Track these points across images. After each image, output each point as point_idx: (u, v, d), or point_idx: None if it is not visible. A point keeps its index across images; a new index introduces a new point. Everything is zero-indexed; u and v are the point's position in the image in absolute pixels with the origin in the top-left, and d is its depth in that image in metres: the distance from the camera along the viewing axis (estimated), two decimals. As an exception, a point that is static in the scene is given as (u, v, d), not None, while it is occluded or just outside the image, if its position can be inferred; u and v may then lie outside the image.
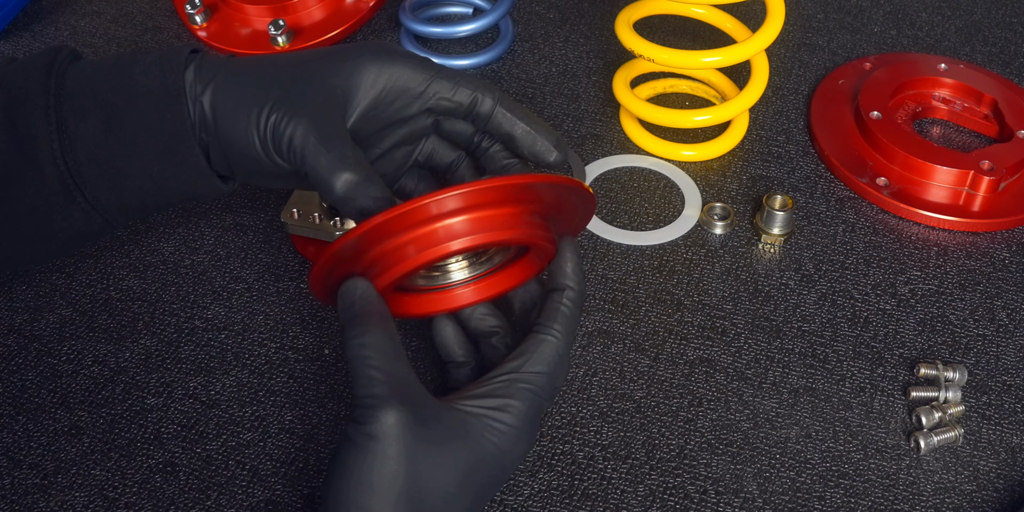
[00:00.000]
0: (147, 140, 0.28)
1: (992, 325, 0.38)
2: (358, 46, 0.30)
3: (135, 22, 0.51)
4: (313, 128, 0.28)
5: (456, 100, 0.30)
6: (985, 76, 0.46)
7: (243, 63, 0.30)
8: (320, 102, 0.28)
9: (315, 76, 0.29)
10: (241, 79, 0.29)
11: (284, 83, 0.29)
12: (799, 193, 0.43)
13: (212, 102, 0.29)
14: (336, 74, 0.29)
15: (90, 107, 0.28)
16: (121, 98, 0.28)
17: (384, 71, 0.29)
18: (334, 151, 0.28)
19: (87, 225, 0.29)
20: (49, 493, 0.33)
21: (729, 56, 0.41)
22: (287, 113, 0.28)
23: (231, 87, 0.29)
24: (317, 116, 0.28)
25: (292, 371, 0.37)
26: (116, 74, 0.29)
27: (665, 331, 0.38)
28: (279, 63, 0.30)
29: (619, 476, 0.34)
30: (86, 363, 0.37)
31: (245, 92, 0.28)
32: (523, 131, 0.31)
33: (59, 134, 0.28)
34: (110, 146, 0.28)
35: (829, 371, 0.37)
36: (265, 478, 0.34)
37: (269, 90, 0.28)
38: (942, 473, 0.34)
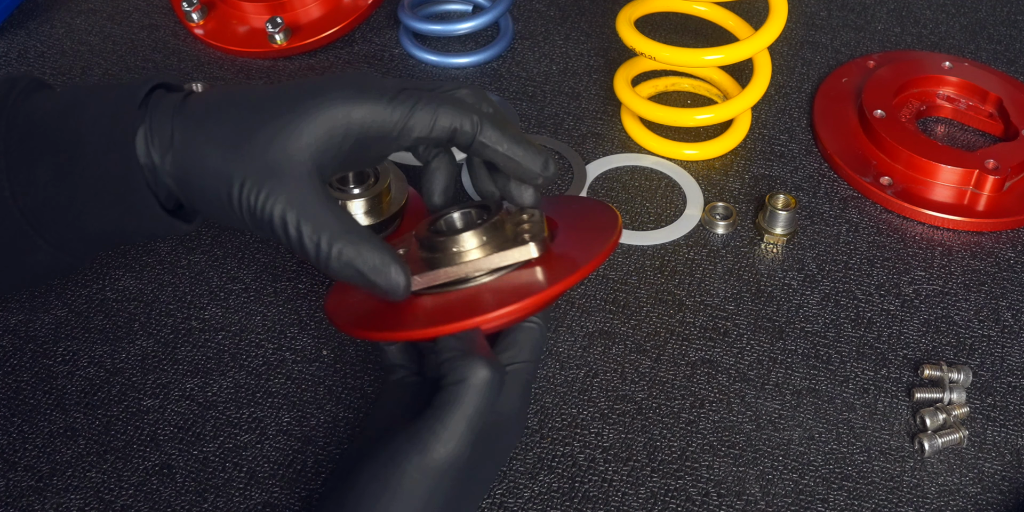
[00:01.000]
0: (99, 190, 0.27)
1: (997, 326, 0.38)
2: (324, 87, 0.27)
3: (131, 20, 0.51)
4: (294, 205, 0.26)
5: (435, 137, 0.28)
6: (990, 74, 0.46)
7: (202, 116, 0.27)
8: (294, 172, 0.27)
9: (283, 136, 0.27)
10: (204, 150, 0.27)
11: (253, 152, 0.27)
12: (802, 192, 0.43)
13: (176, 173, 0.27)
14: (305, 130, 0.27)
15: (41, 153, 0.27)
16: (70, 145, 0.27)
17: (355, 118, 0.27)
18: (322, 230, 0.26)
19: (55, 263, 0.29)
20: (44, 495, 0.33)
21: (731, 54, 0.41)
22: (263, 192, 0.26)
23: (195, 157, 0.27)
24: (296, 189, 0.26)
25: (290, 372, 0.36)
26: (66, 119, 0.27)
27: (667, 332, 0.38)
28: (242, 118, 0.27)
29: (620, 478, 0.33)
30: (82, 364, 0.37)
31: (211, 166, 0.27)
32: (504, 159, 0.29)
33: (10, 181, 0.27)
34: (64, 192, 0.27)
35: (832, 372, 0.37)
36: (262, 480, 0.33)
37: (238, 163, 0.27)
38: (946, 475, 0.34)
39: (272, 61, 0.49)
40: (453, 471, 0.27)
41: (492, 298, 0.28)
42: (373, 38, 0.50)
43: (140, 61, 0.49)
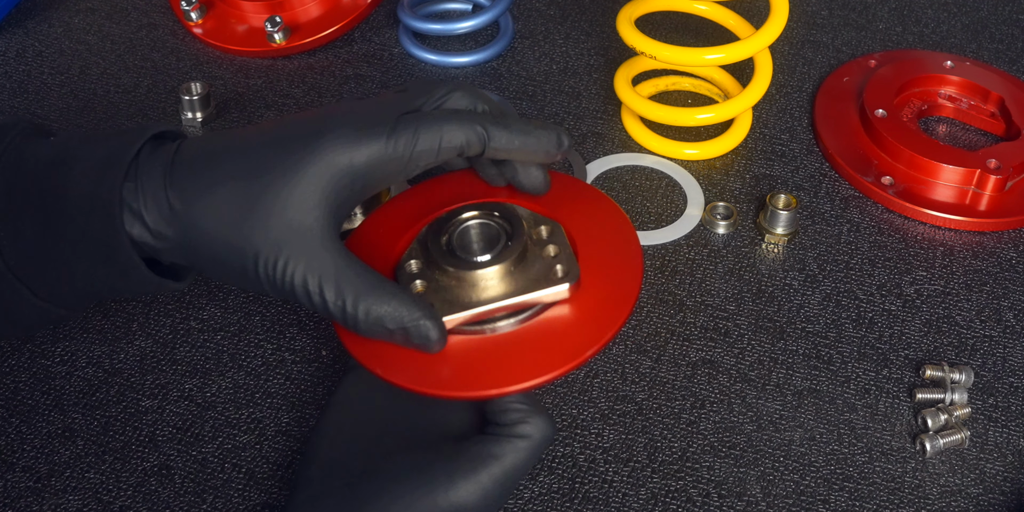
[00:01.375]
0: (84, 250, 0.26)
1: (999, 326, 0.38)
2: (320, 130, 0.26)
3: (130, 19, 0.51)
4: (315, 271, 0.26)
5: (442, 158, 0.27)
6: (992, 73, 0.46)
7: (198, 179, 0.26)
8: (308, 235, 0.26)
9: (291, 201, 0.25)
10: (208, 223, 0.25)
11: (262, 222, 0.25)
12: (803, 192, 0.43)
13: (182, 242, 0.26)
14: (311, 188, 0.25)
15: (27, 206, 0.27)
16: (56, 201, 0.26)
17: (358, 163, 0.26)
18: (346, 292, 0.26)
19: (46, 315, 0.28)
20: (42, 496, 0.33)
21: (732, 53, 0.40)
22: (280, 261, 0.26)
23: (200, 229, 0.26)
24: (313, 254, 0.26)
25: (289, 373, 0.36)
26: (54, 173, 0.27)
27: (667, 332, 0.38)
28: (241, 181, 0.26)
29: (620, 479, 0.33)
30: (80, 364, 0.36)
31: (219, 239, 0.26)
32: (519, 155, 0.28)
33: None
34: (49, 248, 0.27)
35: (833, 373, 0.37)
36: (262, 481, 0.33)
37: (249, 236, 0.26)
38: (948, 476, 0.34)
39: (271, 60, 0.49)
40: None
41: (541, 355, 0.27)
42: (372, 37, 0.50)
43: (139, 60, 0.48)
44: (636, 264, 0.28)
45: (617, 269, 0.28)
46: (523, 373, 0.27)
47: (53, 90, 0.47)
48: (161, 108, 0.46)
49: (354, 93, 0.47)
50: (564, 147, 0.29)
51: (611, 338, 0.27)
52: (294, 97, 0.47)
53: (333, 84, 0.47)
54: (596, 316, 0.27)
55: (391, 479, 0.27)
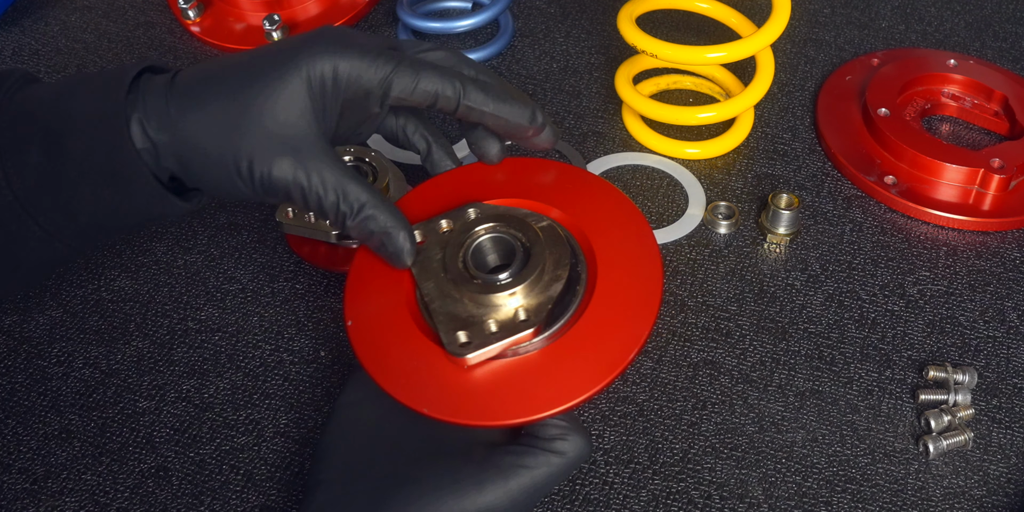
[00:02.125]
0: (92, 168, 0.27)
1: (1003, 326, 0.38)
2: (308, 41, 0.28)
3: (127, 17, 0.50)
4: (307, 172, 0.27)
5: (415, 99, 0.28)
6: (995, 72, 0.45)
7: (190, 92, 0.27)
8: (296, 137, 0.27)
9: (278, 103, 0.27)
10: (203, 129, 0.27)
11: (253, 126, 0.27)
12: (805, 192, 0.42)
13: (178, 152, 0.27)
14: (297, 90, 0.27)
15: (32, 134, 0.27)
16: (61, 123, 0.27)
17: (341, 71, 0.27)
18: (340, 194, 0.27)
19: (49, 253, 0.28)
20: (39, 498, 0.33)
21: (734, 52, 0.40)
22: (272, 163, 0.27)
23: (195, 137, 0.27)
24: (304, 155, 0.27)
25: (287, 374, 0.36)
26: (58, 99, 0.27)
27: (668, 333, 0.37)
28: (233, 89, 0.27)
29: (621, 481, 0.33)
30: (77, 365, 0.36)
31: (214, 144, 0.27)
32: (492, 119, 0.29)
33: (3, 163, 0.27)
34: (55, 173, 0.27)
35: (836, 373, 0.36)
36: (260, 483, 0.33)
37: (241, 140, 0.27)
38: (951, 478, 0.34)
39: (270, 59, 0.48)
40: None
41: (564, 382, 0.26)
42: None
43: (136, 59, 0.48)
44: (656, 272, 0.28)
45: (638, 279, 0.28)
46: (554, 398, 0.26)
47: (50, 89, 0.47)
48: (159, 107, 0.46)
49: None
50: (538, 122, 0.30)
51: (637, 354, 0.27)
52: (293, 96, 0.47)
53: (332, 83, 0.47)
54: (620, 331, 0.27)
55: (421, 485, 0.27)
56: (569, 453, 0.27)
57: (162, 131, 0.27)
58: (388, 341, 0.28)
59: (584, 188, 0.30)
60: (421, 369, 0.27)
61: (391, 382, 0.27)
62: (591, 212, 0.29)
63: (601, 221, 0.29)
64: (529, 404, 0.26)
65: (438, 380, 0.27)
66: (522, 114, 0.29)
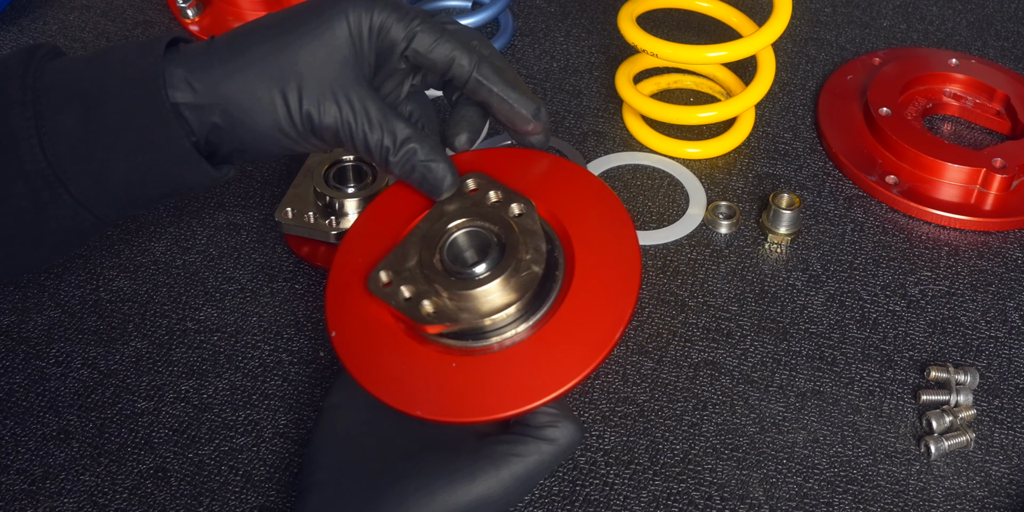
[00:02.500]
0: (127, 131, 0.27)
1: (1004, 327, 0.38)
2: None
3: (125, 16, 0.50)
4: (354, 108, 0.28)
5: (432, 59, 0.29)
6: (997, 71, 0.45)
7: (231, 46, 0.28)
8: (337, 76, 0.28)
9: (321, 45, 0.28)
10: (247, 74, 0.28)
11: (299, 66, 0.28)
12: (806, 191, 0.42)
13: (221, 101, 0.27)
14: (338, 34, 0.28)
15: (67, 100, 0.27)
16: (97, 88, 0.27)
17: (374, 21, 0.29)
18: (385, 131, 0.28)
19: (77, 223, 0.29)
20: (37, 499, 0.33)
21: (735, 51, 0.40)
22: (311, 99, 0.28)
23: (240, 82, 0.28)
24: (350, 92, 0.28)
25: (286, 374, 0.36)
26: (93, 65, 0.28)
27: (669, 333, 0.37)
28: (267, 37, 0.28)
29: (622, 482, 0.33)
30: (75, 366, 0.36)
31: (260, 86, 0.28)
32: (498, 100, 0.30)
33: (37, 129, 0.27)
34: (90, 138, 0.27)
35: (837, 374, 0.36)
36: (259, 484, 0.33)
37: (287, 79, 0.28)
38: (953, 479, 0.33)
39: (269, 58, 0.48)
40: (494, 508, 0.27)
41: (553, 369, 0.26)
42: None
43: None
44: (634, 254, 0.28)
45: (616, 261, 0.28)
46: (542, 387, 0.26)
47: (48, 88, 0.47)
48: (157, 106, 0.46)
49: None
50: (541, 118, 0.30)
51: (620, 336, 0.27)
52: (292, 95, 0.46)
53: (331, 82, 0.47)
54: (602, 314, 0.27)
55: (414, 480, 0.27)
56: (560, 440, 0.27)
57: (204, 85, 0.27)
58: (374, 348, 0.28)
59: (560, 175, 0.30)
60: (410, 372, 0.27)
61: (382, 388, 0.27)
62: (567, 198, 0.29)
63: (577, 207, 0.29)
64: (519, 396, 0.26)
65: (427, 381, 0.27)
66: (527, 105, 0.30)
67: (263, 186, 0.42)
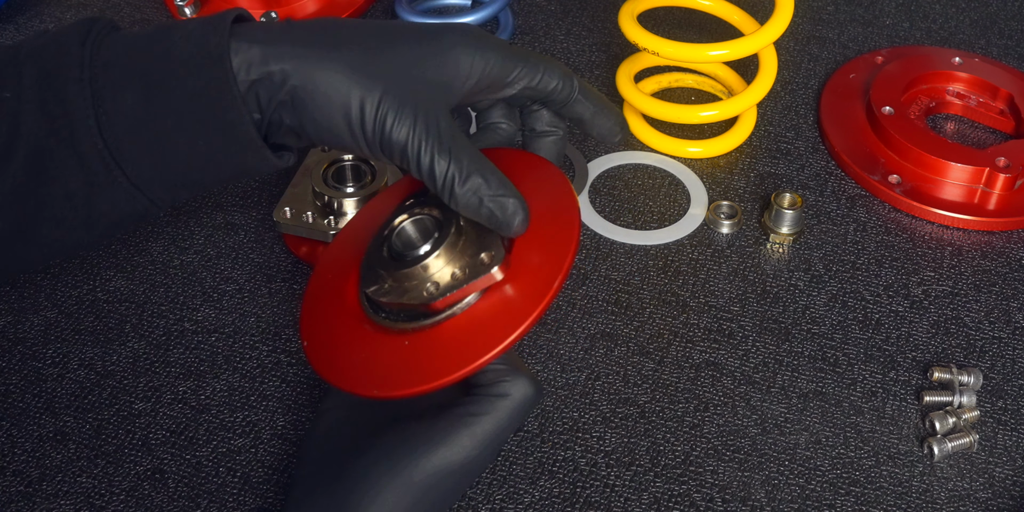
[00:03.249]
0: (191, 111, 0.26)
1: (1008, 327, 0.38)
2: (446, 30, 0.28)
3: (122, 14, 0.50)
4: (430, 131, 0.26)
5: (539, 88, 0.29)
6: (1001, 70, 0.45)
7: (321, 30, 0.27)
8: (425, 97, 0.27)
9: (423, 63, 0.27)
10: (331, 64, 0.26)
11: (391, 73, 0.26)
12: (809, 191, 0.42)
13: (294, 84, 0.26)
14: (434, 63, 0.27)
15: (128, 78, 0.26)
16: (161, 67, 0.26)
17: (478, 61, 0.27)
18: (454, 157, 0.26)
19: (131, 206, 0.27)
20: (34, 501, 0.32)
21: (736, 49, 0.40)
22: (397, 113, 0.26)
23: (320, 70, 0.26)
24: (431, 115, 0.27)
25: (285, 375, 0.36)
26: (155, 42, 0.26)
27: (670, 333, 0.37)
28: (365, 40, 0.27)
29: (622, 483, 0.33)
30: (72, 367, 0.36)
31: (341, 79, 0.26)
32: (592, 115, 0.30)
33: (95, 109, 0.26)
34: (151, 119, 0.26)
35: (840, 375, 0.36)
36: (257, 485, 0.33)
37: (373, 81, 0.26)
38: (956, 480, 0.33)
39: (267, 56, 0.48)
40: (460, 474, 0.27)
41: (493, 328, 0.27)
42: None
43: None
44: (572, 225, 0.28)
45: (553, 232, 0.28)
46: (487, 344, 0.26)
47: (45, 87, 0.46)
48: (155, 105, 0.46)
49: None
50: (627, 128, 0.31)
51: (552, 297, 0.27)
52: (290, 94, 0.46)
53: (330, 81, 0.47)
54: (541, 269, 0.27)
55: (375, 450, 0.27)
56: (514, 394, 0.27)
57: (279, 64, 0.26)
58: (338, 343, 0.29)
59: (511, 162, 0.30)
60: (368, 358, 0.28)
61: (342, 377, 0.28)
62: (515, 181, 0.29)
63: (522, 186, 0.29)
64: (463, 357, 0.27)
65: (383, 363, 0.27)
66: (617, 118, 0.31)
67: (261, 185, 0.42)
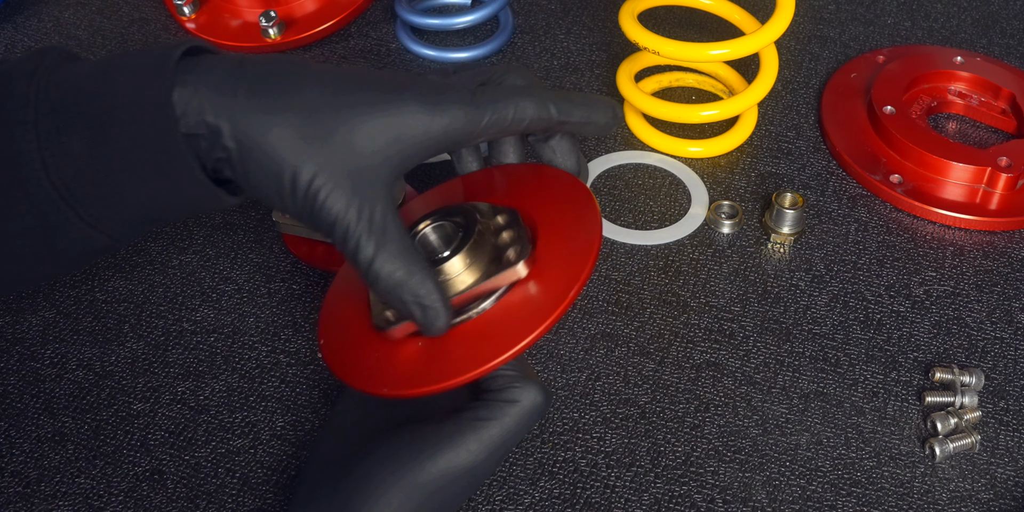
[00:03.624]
0: (138, 154, 0.26)
1: (1010, 327, 0.37)
2: (407, 87, 0.26)
3: (121, 13, 0.50)
4: (363, 212, 0.25)
5: (513, 129, 0.27)
6: (1003, 69, 0.45)
7: (267, 84, 0.26)
8: (365, 174, 0.25)
9: (363, 138, 0.25)
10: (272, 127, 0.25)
11: (329, 147, 0.25)
12: (810, 191, 0.42)
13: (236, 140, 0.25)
14: (385, 131, 0.26)
15: (73, 121, 0.26)
16: (105, 109, 0.26)
17: (438, 122, 0.26)
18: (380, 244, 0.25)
19: (90, 243, 0.27)
20: (32, 502, 0.32)
21: (737, 49, 0.40)
22: (332, 189, 0.25)
23: (260, 132, 0.25)
24: (366, 195, 0.25)
25: (284, 375, 0.36)
26: (101, 82, 0.26)
27: (671, 334, 0.37)
28: (314, 99, 0.26)
29: (623, 484, 0.33)
30: (70, 367, 0.36)
31: (280, 146, 0.25)
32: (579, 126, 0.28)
33: (41, 152, 0.26)
34: (99, 162, 0.26)
35: (841, 375, 0.36)
36: (256, 486, 0.33)
37: (311, 154, 0.25)
38: (958, 481, 0.33)
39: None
40: (466, 479, 0.27)
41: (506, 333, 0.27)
42: (369, 32, 0.49)
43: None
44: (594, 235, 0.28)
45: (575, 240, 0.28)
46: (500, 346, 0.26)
47: (44, 86, 0.46)
48: (154, 104, 0.45)
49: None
50: (620, 114, 0.31)
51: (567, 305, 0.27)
52: (290, 93, 0.46)
53: (330, 80, 0.47)
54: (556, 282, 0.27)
55: (381, 452, 0.27)
56: (522, 401, 0.27)
57: (218, 120, 0.25)
58: (351, 342, 0.29)
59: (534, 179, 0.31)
60: (382, 359, 0.28)
61: (354, 376, 0.28)
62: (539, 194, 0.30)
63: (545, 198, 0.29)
64: (474, 360, 0.27)
65: (396, 363, 0.28)
66: (605, 113, 0.29)
67: (260, 185, 0.42)
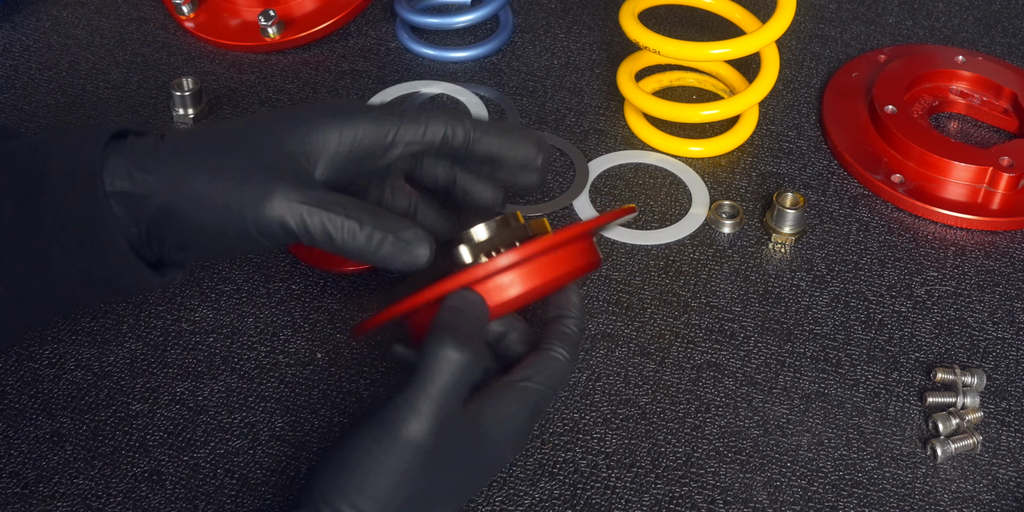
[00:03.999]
0: (63, 223, 0.27)
1: (1012, 328, 0.37)
2: (312, 109, 0.29)
3: (120, 12, 0.50)
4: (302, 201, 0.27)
5: (427, 141, 0.29)
6: (1004, 69, 0.45)
7: (186, 137, 0.28)
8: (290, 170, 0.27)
9: (276, 144, 0.28)
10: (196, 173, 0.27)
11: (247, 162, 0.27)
12: (811, 191, 0.42)
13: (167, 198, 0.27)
14: (297, 139, 0.28)
15: (5, 190, 0.27)
16: (36, 181, 0.27)
17: (346, 131, 0.28)
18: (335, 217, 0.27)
19: (13, 315, 0.28)
20: (30, 502, 0.32)
21: (738, 48, 0.40)
22: (264, 195, 0.27)
23: (187, 181, 0.27)
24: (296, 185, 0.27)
25: (283, 376, 0.36)
26: (33, 156, 0.27)
27: (671, 334, 0.37)
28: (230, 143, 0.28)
29: (623, 485, 0.33)
30: (69, 367, 0.36)
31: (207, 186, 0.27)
32: (499, 148, 0.30)
33: None
34: (27, 233, 0.27)
35: (842, 376, 0.36)
36: (255, 487, 0.33)
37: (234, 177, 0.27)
38: (960, 482, 0.33)
39: (265, 55, 0.48)
40: (420, 452, 0.26)
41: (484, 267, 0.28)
42: (369, 31, 0.49)
43: (129, 55, 0.48)
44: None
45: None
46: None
47: (41, 86, 0.46)
48: (152, 104, 0.45)
49: (350, 89, 0.46)
50: (544, 149, 0.31)
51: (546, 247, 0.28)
52: (288, 93, 0.46)
53: (328, 79, 0.46)
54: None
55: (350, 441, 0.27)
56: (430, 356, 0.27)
57: (144, 175, 0.27)
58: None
59: None
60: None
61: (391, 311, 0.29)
62: None
63: None
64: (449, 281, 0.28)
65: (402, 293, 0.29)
66: (528, 142, 0.31)
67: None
